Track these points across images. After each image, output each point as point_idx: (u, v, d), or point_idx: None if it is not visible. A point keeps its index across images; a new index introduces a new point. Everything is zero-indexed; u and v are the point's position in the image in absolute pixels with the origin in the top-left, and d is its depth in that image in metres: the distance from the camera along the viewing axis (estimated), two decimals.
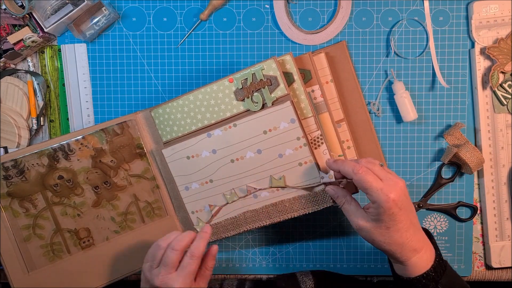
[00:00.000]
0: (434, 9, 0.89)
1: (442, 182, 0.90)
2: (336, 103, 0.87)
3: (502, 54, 0.86)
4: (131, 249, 0.87)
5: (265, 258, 0.93)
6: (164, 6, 0.91)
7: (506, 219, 0.90)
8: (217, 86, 0.81)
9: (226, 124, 0.81)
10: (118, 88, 0.92)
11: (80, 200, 0.86)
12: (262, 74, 0.80)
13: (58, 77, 0.92)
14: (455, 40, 0.89)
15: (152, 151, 0.87)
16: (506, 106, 0.88)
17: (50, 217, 0.85)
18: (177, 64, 0.91)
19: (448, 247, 0.92)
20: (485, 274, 0.93)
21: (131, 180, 0.87)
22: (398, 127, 0.91)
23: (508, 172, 0.89)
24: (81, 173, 0.85)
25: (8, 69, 0.91)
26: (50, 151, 0.84)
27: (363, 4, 0.89)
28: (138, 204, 0.88)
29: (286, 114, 0.79)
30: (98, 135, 0.85)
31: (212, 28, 0.91)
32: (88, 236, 0.86)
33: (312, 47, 0.90)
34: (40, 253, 0.85)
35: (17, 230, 0.84)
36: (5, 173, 0.83)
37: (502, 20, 0.87)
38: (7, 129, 0.90)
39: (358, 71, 0.90)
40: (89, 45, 0.91)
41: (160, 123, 0.85)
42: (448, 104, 0.90)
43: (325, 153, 0.81)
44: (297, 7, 0.90)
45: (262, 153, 0.80)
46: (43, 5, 0.85)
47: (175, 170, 0.85)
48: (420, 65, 0.90)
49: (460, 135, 0.88)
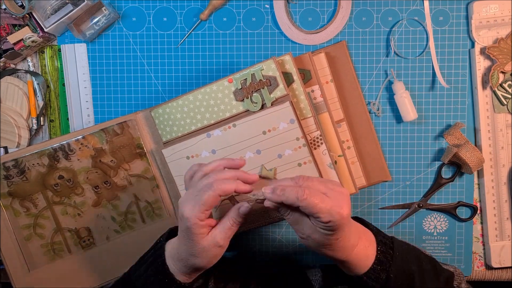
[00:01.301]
0: (434, 9, 0.89)
1: (442, 182, 0.90)
2: (336, 103, 0.87)
3: (502, 54, 0.86)
4: (132, 248, 0.88)
5: (265, 258, 0.93)
6: (164, 6, 0.91)
7: (506, 219, 0.90)
8: (216, 87, 0.81)
9: (225, 124, 0.81)
10: (118, 88, 0.92)
11: (81, 199, 0.86)
12: (262, 75, 0.80)
13: (58, 77, 0.92)
14: (455, 40, 0.89)
15: (152, 151, 0.88)
16: (506, 106, 0.88)
17: (51, 217, 0.85)
18: (177, 64, 0.91)
19: (448, 247, 0.92)
20: (485, 274, 0.93)
21: (131, 180, 0.87)
22: (398, 127, 0.91)
23: (508, 172, 0.89)
24: (81, 173, 0.86)
25: (8, 69, 0.91)
26: (50, 151, 0.84)
27: (363, 4, 0.89)
28: (138, 204, 0.88)
29: (286, 114, 0.79)
30: (98, 135, 0.86)
31: (212, 28, 0.91)
32: (88, 235, 0.87)
33: (312, 47, 0.90)
34: (41, 252, 0.85)
35: (18, 230, 0.84)
36: (6, 172, 0.83)
37: (502, 20, 0.87)
38: (7, 129, 0.90)
39: (358, 71, 0.90)
40: (89, 45, 0.91)
41: (160, 123, 0.85)
42: (448, 104, 0.90)
43: (324, 153, 0.81)
44: (297, 7, 0.90)
45: (261, 153, 0.80)
46: (43, 5, 0.86)
47: (175, 170, 0.86)
48: (420, 65, 0.89)
49: (460, 135, 0.88)
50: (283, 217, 0.67)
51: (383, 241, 0.69)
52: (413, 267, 0.68)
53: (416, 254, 0.71)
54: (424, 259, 0.71)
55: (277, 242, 0.93)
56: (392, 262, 0.67)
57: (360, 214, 0.91)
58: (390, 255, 0.68)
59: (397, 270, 0.66)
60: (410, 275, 0.67)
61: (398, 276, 0.66)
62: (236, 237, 0.92)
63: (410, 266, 0.68)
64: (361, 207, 0.91)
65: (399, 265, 0.67)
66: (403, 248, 0.70)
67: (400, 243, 0.70)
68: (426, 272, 0.69)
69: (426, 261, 0.71)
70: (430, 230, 0.92)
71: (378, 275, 0.66)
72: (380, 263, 0.67)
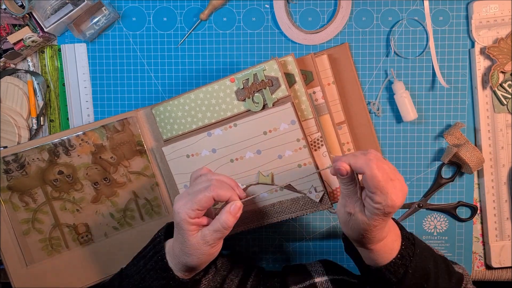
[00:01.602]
0: (434, 9, 0.89)
1: (442, 182, 0.90)
2: (338, 105, 0.87)
3: (502, 54, 0.86)
4: (130, 246, 0.88)
5: (265, 258, 0.93)
6: (164, 6, 0.91)
7: (506, 219, 0.90)
8: (218, 86, 0.81)
9: (226, 123, 0.81)
10: (118, 88, 0.92)
11: (80, 195, 0.86)
12: (264, 75, 0.80)
13: (58, 77, 0.92)
14: (455, 40, 0.89)
15: (152, 149, 0.88)
16: (506, 106, 0.88)
17: (50, 212, 0.85)
18: (177, 64, 0.91)
19: (448, 247, 0.92)
20: (485, 274, 0.93)
21: (130, 177, 0.87)
22: (398, 127, 0.91)
23: (508, 172, 0.89)
24: (81, 168, 0.86)
25: (8, 69, 0.91)
26: (50, 146, 0.84)
27: (363, 4, 0.89)
28: (137, 201, 0.88)
29: (287, 115, 0.79)
30: (98, 131, 0.86)
31: (212, 28, 0.91)
32: (86, 231, 0.87)
33: (312, 47, 0.90)
34: (39, 247, 0.85)
35: (16, 224, 0.84)
36: (6, 167, 0.83)
37: (502, 20, 0.87)
38: (7, 129, 0.90)
39: (358, 71, 0.90)
40: (89, 45, 0.91)
41: (161, 120, 0.85)
42: (448, 104, 0.90)
43: (324, 155, 0.81)
44: (297, 7, 0.90)
45: (261, 153, 0.80)
46: (43, 5, 0.85)
47: (174, 168, 0.86)
48: (420, 65, 0.90)
49: (460, 135, 0.88)
50: (341, 184, 0.67)
51: (407, 236, 0.70)
52: (430, 266, 0.69)
53: (432, 253, 0.71)
54: (439, 259, 0.72)
55: (277, 242, 0.93)
56: (413, 258, 0.68)
57: None
58: (412, 251, 0.68)
59: (416, 267, 0.67)
60: (426, 273, 0.68)
61: (416, 272, 0.67)
62: (235, 237, 0.93)
63: (427, 264, 0.69)
64: None
65: (418, 261, 0.68)
66: (422, 245, 0.71)
67: (420, 241, 0.71)
68: (441, 272, 0.70)
69: (440, 261, 0.71)
70: (430, 230, 0.92)
71: (397, 269, 0.67)
72: (402, 258, 0.68)
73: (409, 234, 0.71)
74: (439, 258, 0.72)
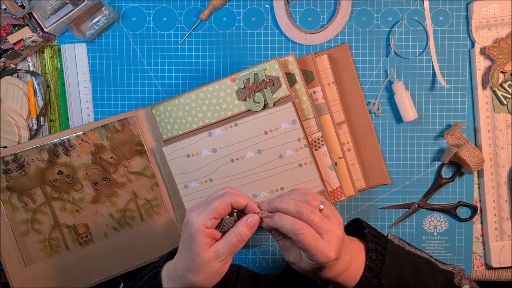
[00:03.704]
0: (434, 9, 0.89)
1: (442, 182, 0.90)
2: (338, 105, 0.87)
3: (502, 54, 0.86)
4: (129, 246, 0.87)
5: (265, 258, 0.93)
6: (164, 6, 0.91)
7: (506, 219, 0.90)
8: (219, 85, 0.81)
9: (227, 123, 0.81)
10: (118, 88, 0.92)
11: (79, 196, 0.86)
12: (265, 74, 0.80)
13: (58, 77, 0.92)
14: (455, 40, 0.89)
15: (152, 149, 0.88)
16: (506, 106, 0.88)
17: (49, 212, 0.85)
18: (177, 64, 0.91)
19: (448, 247, 0.92)
20: (485, 274, 0.93)
21: (130, 177, 0.87)
22: (398, 127, 0.91)
23: (508, 172, 0.89)
24: (80, 168, 0.85)
25: (8, 69, 0.91)
26: (50, 146, 0.84)
27: (363, 4, 0.89)
28: (137, 201, 0.88)
29: (288, 115, 0.79)
30: (98, 131, 0.86)
31: (212, 28, 0.91)
32: (86, 232, 0.87)
33: (312, 47, 0.90)
34: (38, 248, 0.85)
35: (15, 224, 0.84)
36: (5, 167, 0.83)
37: (502, 20, 0.87)
38: (7, 129, 0.89)
39: (358, 71, 0.90)
40: (89, 45, 0.91)
41: (161, 120, 0.85)
42: (448, 104, 0.90)
43: (325, 154, 0.81)
44: (297, 7, 0.90)
45: (262, 153, 0.80)
46: (43, 5, 0.85)
47: (174, 168, 0.86)
48: (420, 65, 0.90)
49: (460, 135, 0.88)
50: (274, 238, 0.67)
51: (373, 248, 0.69)
52: (406, 272, 0.68)
53: (412, 259, 0.70)
54: (421, 262, 0.71)
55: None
56: (383, 268, 0.67)
57: (360, 214, 0.91)
58: (380, 261, 0.68)
59: (388, 276, 0.67)
60: (402, 280, 0.67)
61: (390, 281, 0.67)
62: None
63: (402, 271, 0.68)
64: (361, 207, 0.91)
65: (390, 271, 0.67)
66: (397, 253, 0.69)
67: (395, 249, 0.70)
68: (423, 275, 0.69)
69: (423, 264, 0.70)
70: (430, 230, 0.92)
71: (371, 282, 0.67)
72: (371, 270, 0.67)
73: (380, 243, 0.70)
74: (421, 261, 0.71)
